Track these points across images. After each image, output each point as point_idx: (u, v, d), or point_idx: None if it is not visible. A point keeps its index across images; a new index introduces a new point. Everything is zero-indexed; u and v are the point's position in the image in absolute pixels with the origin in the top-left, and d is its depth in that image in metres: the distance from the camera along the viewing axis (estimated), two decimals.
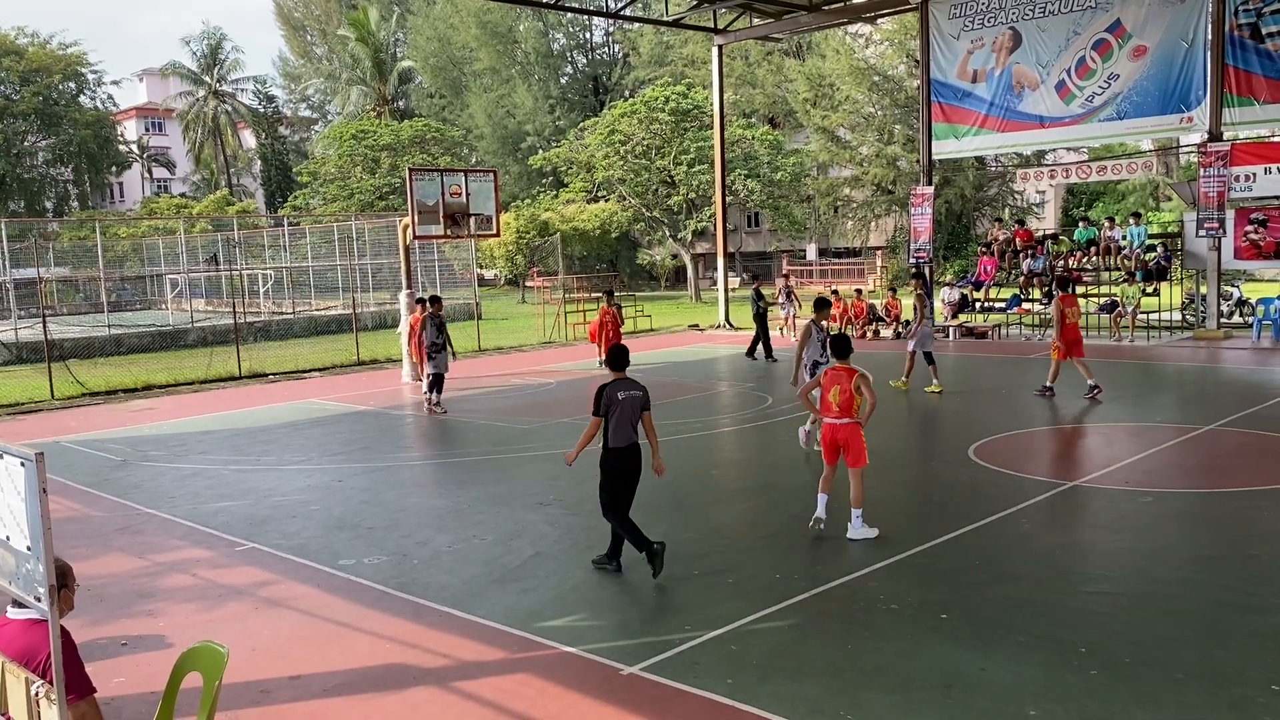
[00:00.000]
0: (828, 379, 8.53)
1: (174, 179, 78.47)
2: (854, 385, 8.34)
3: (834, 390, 8.40)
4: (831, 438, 8.51)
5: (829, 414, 8.47)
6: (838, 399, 8.37)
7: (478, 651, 6.45)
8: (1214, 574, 7.37)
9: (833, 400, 8.40)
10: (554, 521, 9.40)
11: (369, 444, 13.81)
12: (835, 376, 8.46)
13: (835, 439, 8.48)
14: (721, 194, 31.46)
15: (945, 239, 43.18)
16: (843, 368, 8.51)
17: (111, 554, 8.99)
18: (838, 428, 8.44)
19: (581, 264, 50.46)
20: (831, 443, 8.52)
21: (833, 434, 8.48)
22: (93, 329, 30.89)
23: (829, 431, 8.52)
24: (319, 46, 77.81)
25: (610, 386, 7.76)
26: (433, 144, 54.20)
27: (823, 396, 8.53)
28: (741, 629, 6.54)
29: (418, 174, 19.18)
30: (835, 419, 8.43)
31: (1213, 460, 10.92)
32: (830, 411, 8.45)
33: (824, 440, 8.62)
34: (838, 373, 8.48)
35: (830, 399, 8.42)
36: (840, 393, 8.36)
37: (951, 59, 25.27)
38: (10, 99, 62.12)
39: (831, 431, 8.49)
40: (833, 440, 8.50)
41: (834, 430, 8.47)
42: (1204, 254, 21.94)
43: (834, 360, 8.73)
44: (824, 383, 8.56)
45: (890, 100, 46.28)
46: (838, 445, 8.48)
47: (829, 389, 8.45)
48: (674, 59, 56.06)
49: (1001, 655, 5.99)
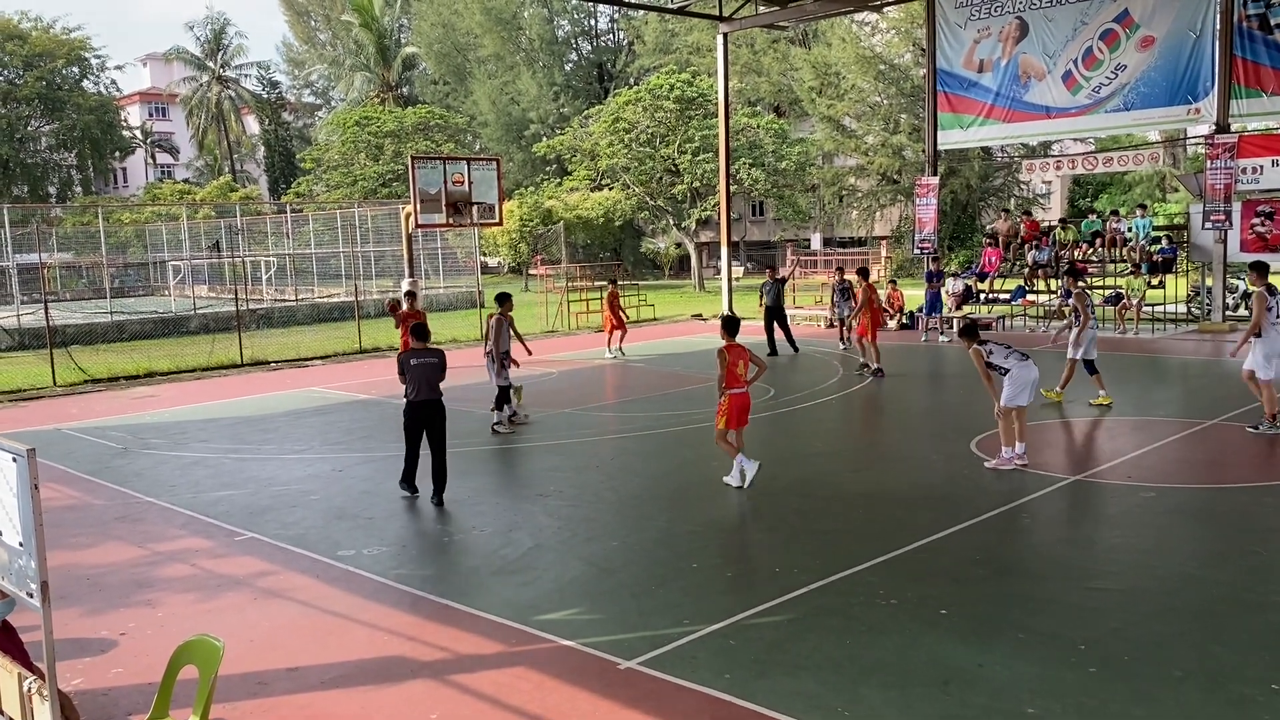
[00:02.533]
0: (733, 355, 9.85)
1: (177, 165, 78.42)
2: (749, 358, 9.94)
3: (740, 364, 9.85)
4: (744, 403, 9.94)
5: (738, 385, 9.86)
6: (743, 370, 9.87)
7: (476, 644, 6.44)
8: (1215, 570, 7.34)
9: (740, 372, 9.85)
10: (553, 513, 9.39)
11: (370, 433, 13.80)
12: (738, 352, 9.87)
13: (746, 404, 9.99)
14: (726, 183, 31.34)
15: (950, 229, 43.03)
16: (737, 344, 9.93)
17: (111, 542, 8.99)
18: (747, 395, 10.00)
19: (585, 252, 50.39)
20: (745, 407, 9.97)
21: (745, 400, 9.94)
22: (95, 315, 30.95)
23: (743, 399, 9.92)
24: (323, 32, 77.62)
25: (405, 354, 10.17)
26: (436, 131, 54.09)
27: (731, 370, 9.82)
28: (740, 623, 6.52)
29: (420, 162, 19.13)
30: (742, 388, 9.90)
31: (1216, 455, 10.88)
32: (740, 382, 9.86)
33: (739, 407, 9.87)
34: (737, 349, 9.87)
35: (738, 371, 9.84)
36: (744, 365, 9.87)
37: (958, 48, 25.13)
38: (14, 84, 62.07)
39: (744, 398, 9.92)
40: (745, 405, 9.97)
41: (745, 397, 9.95)
42: (1210, 246, 21.85)
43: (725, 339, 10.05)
44: (730, 358, 9.82)
45: (896, 89, 46.05)
46: (746, 409, 9.98)
47: (736, 363, 9.83)
48: (679, 46, 55.83)
49: (1000, 651, 5.98)
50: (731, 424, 9.88)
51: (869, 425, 13.78)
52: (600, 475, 10.78)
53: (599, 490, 10.19)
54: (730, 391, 9.82)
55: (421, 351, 10.03)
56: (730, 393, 9.82)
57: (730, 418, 9.84)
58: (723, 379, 9.88)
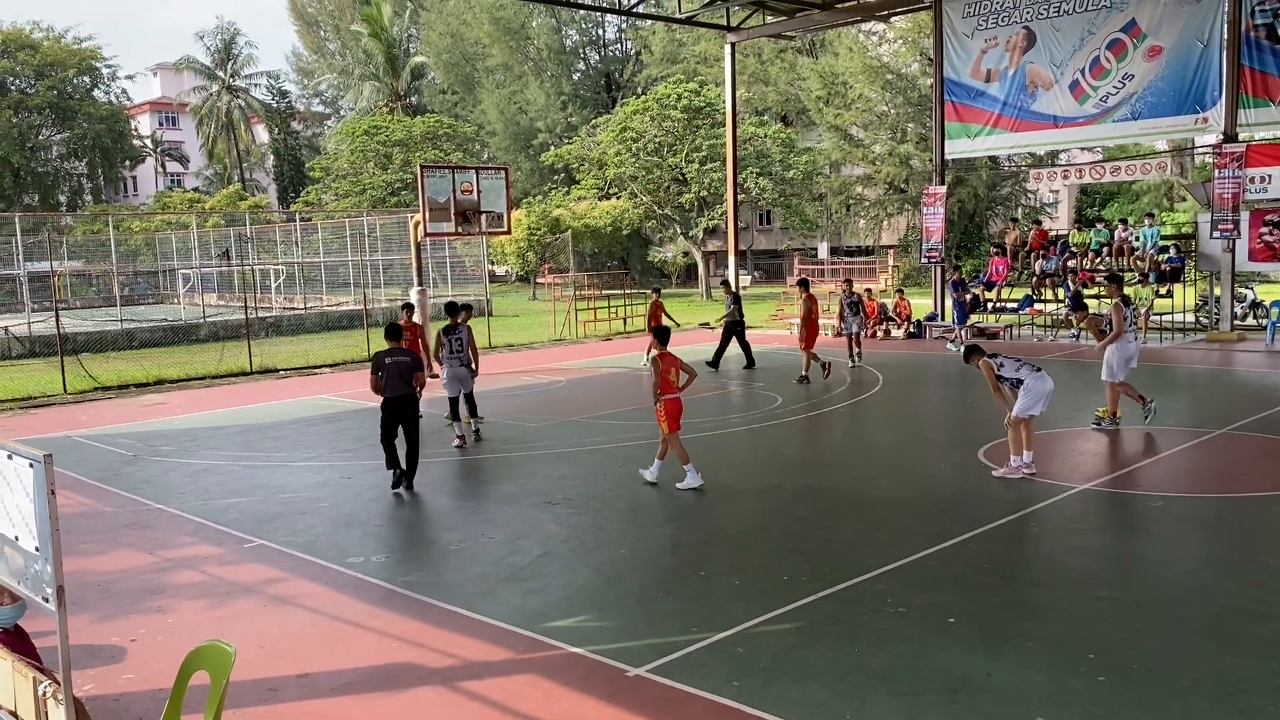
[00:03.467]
0: (666, 363, 10.29)
1: (187, 174, 78.83)
2: (681, 366, 10.33)
3: (673, 371, 10.28)
4: (679, 409, 10.34)
5: (672, 391, 10.26)
6: (675, 377, 10.28)
7: (484, 651, 6.46)
8: (1224, 580, 7.33)
9: (674, 379, 10.27)
10: (562, 521, 9.41)
11: (379, 441, 13.82)
12: (670, 360, 10.32)
13: (681, 409, 10.39)
14: (733, 192, 31.42)
15: (958, 238, 43.00)
16: (669, 353, 10.41)
17: (121, 549, 9.04)
18: (680, 400, 10.36)
19: (593, 261, 50.46)
20: (680, 412, 10.35)
21: (680, 405, 10.36)
22: (105, 323, 31.07)
23: (678, 404, 10.32)
24: (332, 42, 78.01)
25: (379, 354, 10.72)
26: (445, 140, 54.26)
27: (664, 377, 10.23)
28: (748, 631, 6.53)
29: (429, 171, 19.21)
30: (676, 394, 10.30)
31: (1224, 465, 10.86)
32: (674, 389, 10.28)
33: (674, 412, 10.24)
34: (669, 357, 10.34)
35: (671, 378, 10.25)
36: (676, 373, 10.28)
37: (965, 58, 25.17)
38: (25, 93, 62.48)
39: (679, 403, 10.34)
40: (680, 410, 10.36)
41: (680, 402, 10.36)
42: (1218, 255, 21.82)
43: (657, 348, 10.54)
44: (663, 366, 10.25)
45: (903, 99, 46.07)
46: (680, 414, 10.37)
47: (669, 371, 10.26)
48: (686, 56, 55.97)
49: (1008, 660, 5.98)
50: (674, 428, 10.30)
51: (876, 433, 13.77)
52: (608, 483, 10.80)
53: (607, 498, 10.21)
54: (665, 397, 10.28)
55: (394, 351, 10.73)
56: (665, 398, 10.28)
57: (671, 422, 10.27)
58: (657, 386, 10.29)
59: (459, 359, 13.11)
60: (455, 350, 13.10)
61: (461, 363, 13.15)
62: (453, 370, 13.05)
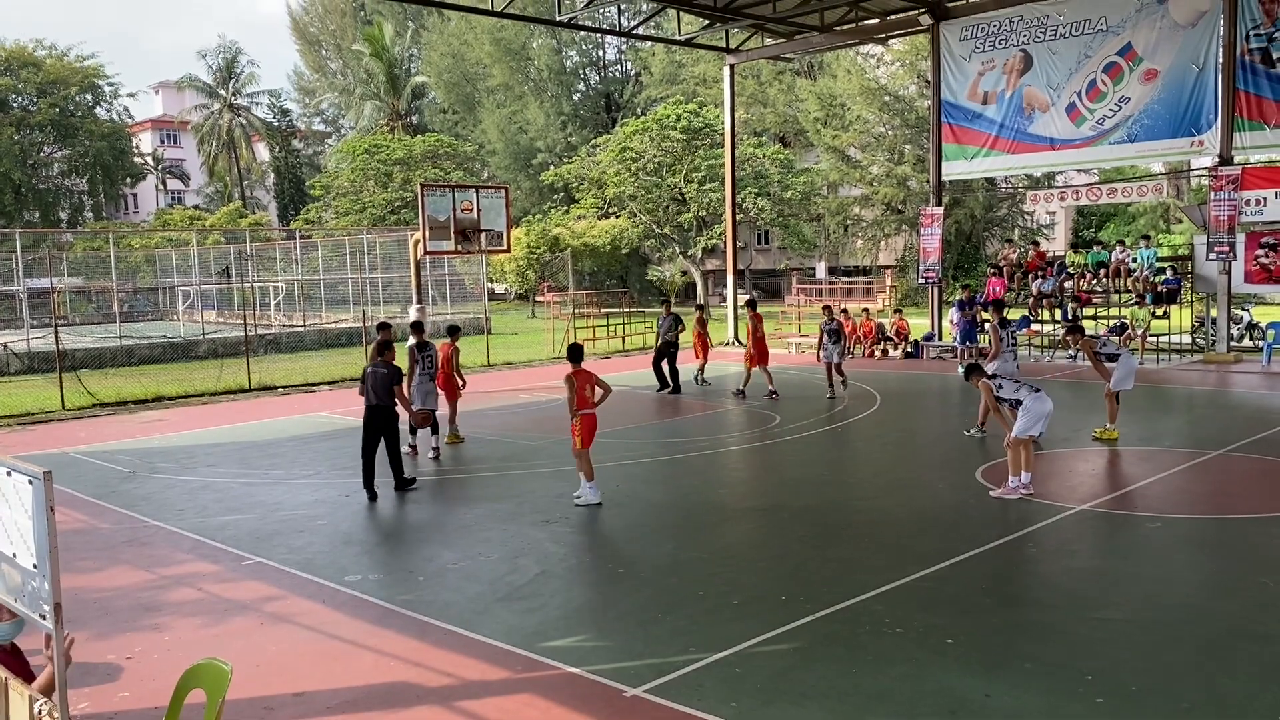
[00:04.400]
0: (580, 380, 10.48)
1: (188, 191, 78.97)
2: (595, 382, 10.57)
3: (588, 388, 10.49)
4: (594, 425, 10.53)
5: (588, 406, 10.47)
6: (591, 393, 10.50)
7: (482, 671, 6.44)
8: (1222, 601, 7.32)
9: (589, 395, 10.49)
10: (560, 540, 9.40)
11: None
12: (585, 377, 10.53)
13: (595, 425, 10.58)
14: (732, 211, 31.53)
15: (955, 259, 43.12)
16: (583, 370, 10.61)
17: (118, 566, 9.01)
18: (595, 416, 10.60)
19: (592, 279, 50.56)
20: (594, 428, 10.53)
21: (594, 421, 10.55)
22: (104, 339, 31.07)
23: (593, 420, 10.54)
24: (334, 61, 78.35)
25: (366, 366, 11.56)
26: (445, 159, 54.44)
27: (580, 393, 10.43)
28: (746, 651, 6.52)
29: (430, 189, 19.31)
30: (591, 410, 10.51)
31: (1222, 486, 10.86)
32: (589, 405, 10.48)
33: (589, 428, 10.47)
34: (583, 374, 10.54)
35: (586, 394, 10.47)
36: (591, 389, 10.50)
37: (962, 80, 25.32)
38: (28, 110, 62.66)
39: (593, 419, 10.54)
40: (595, 426, 10.55)
41: (594, 418, 10.57)
42: (1214, 277, 21.88)
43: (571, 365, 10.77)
44: (578, 383, 10.43)
45: (901, 120, 46.32)
46: (595, 429, 10.55)
47: (584, 387, 10.46)
48: (686, 77, 56.27)
49: (1006, 681, 5.97)
50: (587, 443, 10.51)
51: (874, 453, 13.77)
52: (606, 502, 10.78)
53: (605, 517, 10.20)
54: (581, 413, 10.47)
55: (376, 363, 11.43)
56: (581, 414, 10.47)
57: (584, 437, 10.48)
58: (573, 402, 10.47)
59: (429, 375, 13.66)
60: (426, 368, 13.63)
61: (430, 378, 13.67)
62: (423, 386, 13.52)
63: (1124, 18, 22.36)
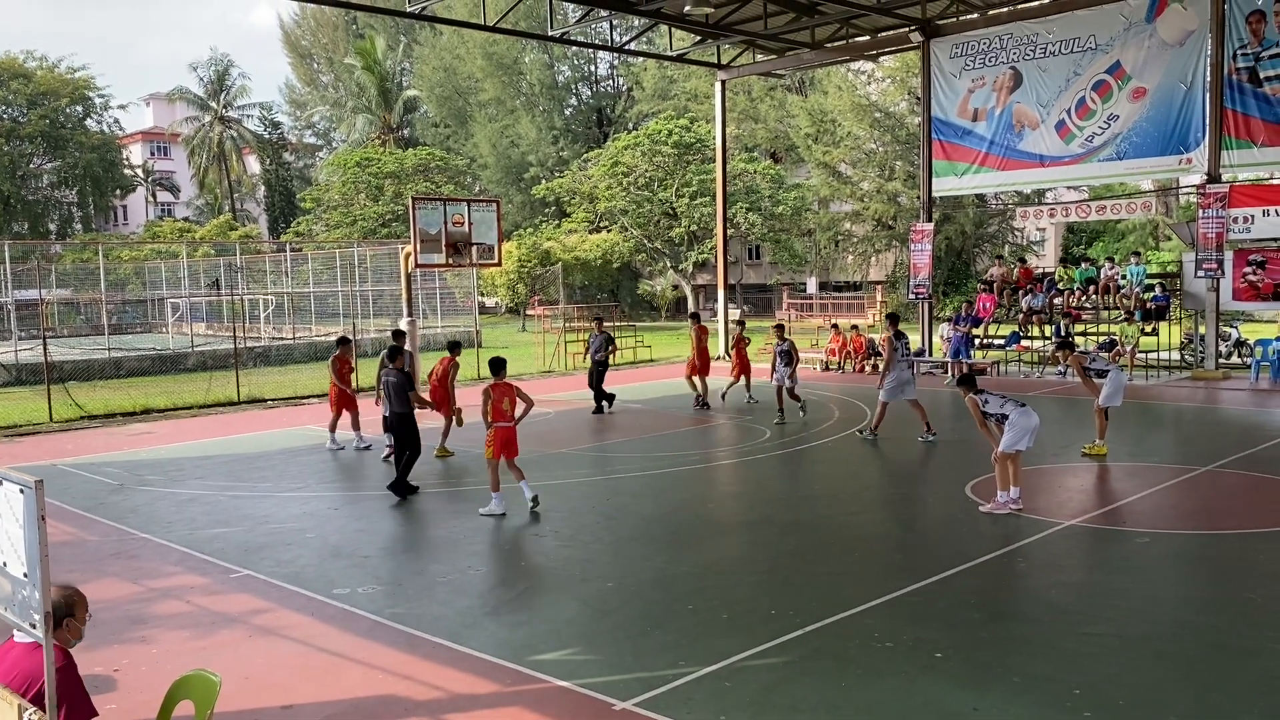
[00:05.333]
0: (498, 393, 10.74)
1: (178, 203, 78.82)
2: (516, 395, 10.79)
3: (505, 400, 10.73)
4: (510, 436, 10.76)
5: (504, 419, 10.71)
6: (509, 407, 10.74)
7: (471, 684, 6.43)
8: (1210, 616, 7.36)
9: (506, 408, 10.72)
10: (549, 553, 9.39)
11: (366, 472, 13.80)
12: (503, 390, 10.78)
13: (512, 437, 10.81)
14: (723, 226, 31.63)
15: (945, 275, 43.31)
16: (503, 383, 10.88)
17: (106, 579, 8.97)
18: (512, 429, 10.79)
19: (583, 293, 50.60)
20: (511, 440, 10.77)
21: (510, 433, 10.78)
22: (93, 351, 30.91)
23: (509, 432, 10.74)
24: (325, 74, 78.44)
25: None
26: (436, 173, 54.50)
27: (496, 406, 10.66)
28: (736, 665, 6.52)
29: (421, 203, 19.28)
30: (508, 423, 10.74)
31: (1210, 502, 10.92)
32: (504, 417, 10.72)
33: (503, 440, 10.68)
34: (502, 387, 10.80)
35: (503, 407, 10.69)
36: (510, 402, 10.75)
37: (952, 97, 25.50)
38: (17, 121, 62.52)
39: (510, 431, 10.76)
40: (511, 438, 10.78)
41: (511, 430, 10.79)
42: (1203, 294, 22.03)
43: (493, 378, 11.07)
44: (495, 396, 10.69)
45: (891, 137, 46.58)
46: (512, 442, 10.78)
47: (501, 400, 10.70)
48: (677, 93, 56.51)
49: (995, 695, 5.98)
50: (498, 454, 10.72)
51: (863, 468, 13.80)
52: (596, 516, 10.79)
53: (595, 531, 10.19)
54: (497, 425, 10.72)
55: (389, 370, 12.34)
56: (497, 426, 10.72)
57: (497, 449, 10.70)
58: (488, 414, 10.71)
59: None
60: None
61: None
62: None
63: (1113, 36, 22.57)
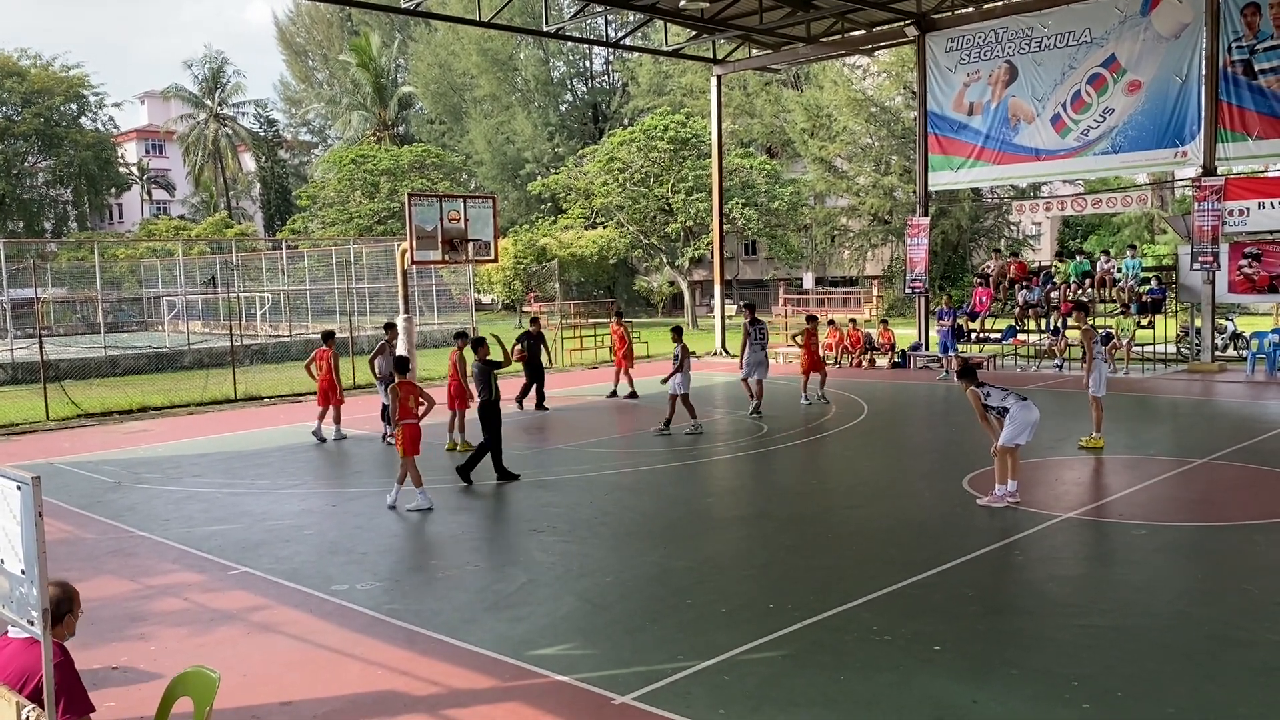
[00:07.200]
0: (404, 391, 11.02)
1: (173, 201, 78.66)
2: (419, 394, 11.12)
3: (411, 399, 11.00)
4: (417, 434, 10.95)
5: (411, 417, 10.93)
6: (414, 405, 11.00)
7: (469, 679, 6.43)
8: (1207, 608, 7.37)
9: (412, 406, 10.98)
10: (547, 548, 9.39)
11: (363, 468, 13.80)
12: (409, 389, 11.10)
13: (418, 434, 11.00)
14: (719, 222, 31.62)
15: (941, 269, 43.33)
16: (408, 382, 11.23)
17: (103, 577, 8.96)
18: (419, 426, 11.01)
19: (579, 289, 50.58)
20: (417, 437, 10.95)
21: (417, 430, 10.97)
22: (89, 350, 30.87)
23: (415, 430, 10.95)
24: (320, 71, 78.29)
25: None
26: (432, 169, 54.43)
27: (403, 404, 10.95)
28: (734, 659, 6.53)
29: (417, 199, 19.24)
30: (414, 420, 10.97)
31: (1206, 494, 10.94)
32: (412, 415, 10.95)
33: (411, 437, 10.88)
34: (408, 386, 11.15)
35: (409, 405, 10.96)
36: (415, 400, 11.00)
37: (948, 91, 25.49)
38: (12, 120, 62.32)
39: (416, 429, 10.95)
40: (418, 435, 10.97)
41: (417, 428, 10.98)
42: (1198, 287, 22.06)
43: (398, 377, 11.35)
44: (402, 394, 10.98)
45: (887, 131, 46.58)
46: (419, 438, 10.98)
47: (407, 398, 10.98)
48: (673, 88, 56.46)
49: (993, 688, 5.99)
50: (409, 451, 10.87)
51: (862, 462, 13.81)
52: (594, 511, 10.79)
53: (593, 525, 10.20)
54: (404, 423, 10.93)
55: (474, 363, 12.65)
56: (404, 423, 10.93)
57: (408, 446, 10.87)
58: (394, 413, 11.04)
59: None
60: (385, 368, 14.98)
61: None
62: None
63: (1108, 30, 22.57)
